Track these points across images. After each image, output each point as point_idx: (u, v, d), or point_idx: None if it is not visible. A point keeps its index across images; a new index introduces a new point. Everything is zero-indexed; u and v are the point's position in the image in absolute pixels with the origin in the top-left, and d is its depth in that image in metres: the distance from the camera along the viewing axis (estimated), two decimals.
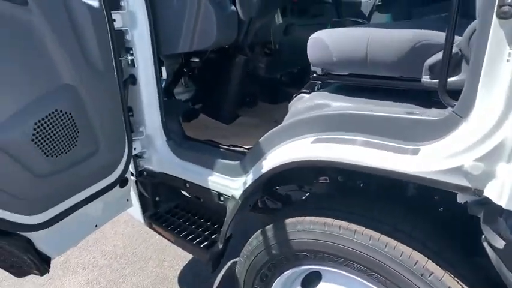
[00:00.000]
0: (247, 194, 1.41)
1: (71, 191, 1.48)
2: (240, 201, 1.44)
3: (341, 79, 1.27)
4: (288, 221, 1.28)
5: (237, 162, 1.52)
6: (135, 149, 1.77)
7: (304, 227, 1.23)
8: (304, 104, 1.31)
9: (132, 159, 1.72)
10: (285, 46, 2.28)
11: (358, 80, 1.22)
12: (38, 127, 1.24)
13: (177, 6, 1.61)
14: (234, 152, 1.68)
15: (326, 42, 1.23)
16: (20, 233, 1.38)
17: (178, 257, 2.63)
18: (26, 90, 1.21)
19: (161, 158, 1.83)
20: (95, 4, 1.36)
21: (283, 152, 1.25)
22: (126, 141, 1.62)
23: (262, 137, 1.37)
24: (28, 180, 1.29)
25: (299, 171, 1.38)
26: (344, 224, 1.14)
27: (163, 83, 2.15)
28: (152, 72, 1.68)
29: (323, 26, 2.39)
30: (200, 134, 2.04)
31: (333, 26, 2.04)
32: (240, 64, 2.14)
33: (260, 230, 1.40)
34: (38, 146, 1.27)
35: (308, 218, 1.22)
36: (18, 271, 1.53)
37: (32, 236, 1.42)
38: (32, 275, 1.56)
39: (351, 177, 1.37)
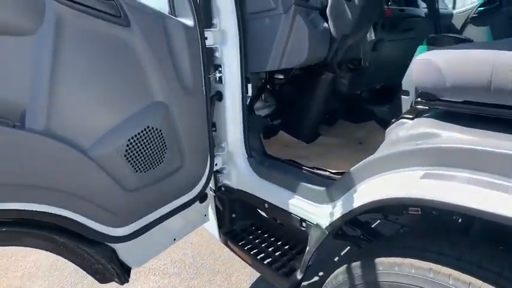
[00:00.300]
0: (334, 226, 1.31)
1: (156, 206, 1.50)
2: (326, 232, 1.34)
3: (454, 106, 1.12)
4: (382, 260, 1.15)
5: (323, 188, 1.42)
6: (216, 164, 1.76)
7: (402, 270, 1.09)
8: (407, 131, 1.17)
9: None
10: (372, 62, 2.15)
11: (477, 109, 1.06)
12: (131, 143, 1.27)
13: (270, 24, 1.57)
14: (319, 176, 1.59)
15: (438, 65, 1.09)
16: (107, 243, 1.42)
17: (246, 273, 2.58)
18: (123, 108, 1.24)
19: (241, 175, 1.80)
20: (190, 23, 1.37)
21: (382, 186, 1.12)
22: (209, 157, 1.62)
23: (356, 166, 1.25)
24: (118, 194, 1.32)
25: None
26: (455, 273, 0.98)
27: (248, 100, 2.14)
28: (238, 89, 1.66)
29: (413, 41, 2.22)
30: (280, 152, 1.98)
31: (430, 43, 1.86)
32: (327, 82, 2.04)
33: (346, 265, 1.29)
34: (129, 161, 1.29)
35: (409, 261, 1.08)
36: (102, 278, 1.57)
37: (116, 246, 1.45)
38: None
39: (447, 211, 1.20)
